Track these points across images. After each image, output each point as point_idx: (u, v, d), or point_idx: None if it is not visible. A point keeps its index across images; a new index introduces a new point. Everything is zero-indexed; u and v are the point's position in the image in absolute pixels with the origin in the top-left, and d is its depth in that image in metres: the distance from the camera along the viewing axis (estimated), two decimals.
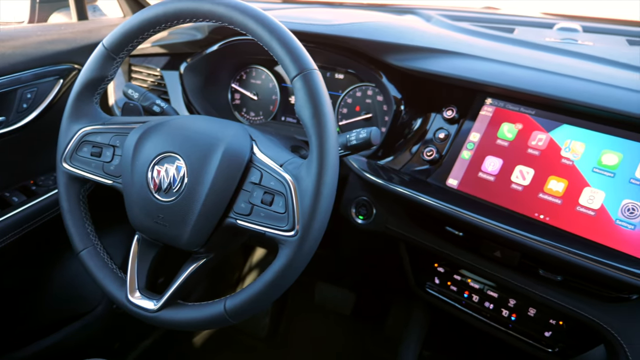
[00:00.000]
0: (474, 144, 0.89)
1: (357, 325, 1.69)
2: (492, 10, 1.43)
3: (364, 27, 1.00)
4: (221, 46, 1.13)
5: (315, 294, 1.77)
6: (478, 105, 0.90)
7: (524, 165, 0.83)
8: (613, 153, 0.77)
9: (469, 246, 0.90)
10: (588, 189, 0.77)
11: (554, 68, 0.86)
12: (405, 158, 0.96)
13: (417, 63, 0.92)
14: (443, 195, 0.87)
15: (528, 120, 0.85)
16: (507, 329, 0.92)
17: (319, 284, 1.77)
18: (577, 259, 0.72)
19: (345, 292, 1.70)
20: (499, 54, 0.93)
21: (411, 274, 1.04)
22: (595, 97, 0.77)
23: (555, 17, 1.34)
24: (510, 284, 0.87)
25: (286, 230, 0.67)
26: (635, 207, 0.73)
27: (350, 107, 1.12)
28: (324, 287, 1.76)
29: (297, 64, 0.67)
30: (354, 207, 1.03)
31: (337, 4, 1.58)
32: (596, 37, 1.12)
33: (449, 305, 0.99)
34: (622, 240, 0.72)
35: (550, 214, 0.78)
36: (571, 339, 0.86)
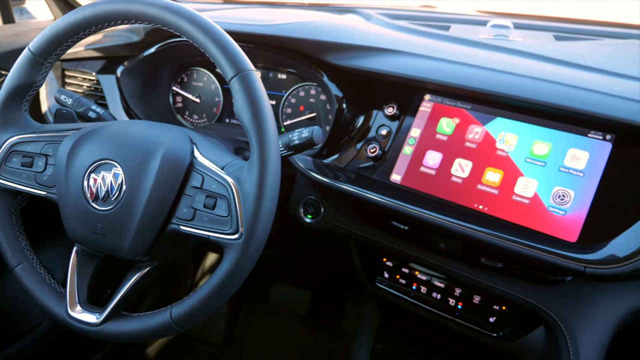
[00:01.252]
0: (415, 140, 0.91)
1: (313, 323, 1.70)
2: (429, 8, 1.47)
3: (304, 27, 1.00)
4: (159, 48, 1.10)
5: (271, 295, 1.76)
6: (417, 102, 0.93)
7: (463, 158, 0.86)
8: (543, 143, 0.81)
9: (414, 239, 0.92)
10: (522, 178, 0.81)
11: (487, 64, 0.89)
12: (350, 155, 0.97)
13: (357, 61, 0.94)
14: (387, 191, 0.88)
15: (465, 115, 0.88)
16: (455, 317, 0.95)
17: (274, 285, 1.76)
18: (514, 245, 0.75)
19: (300, 292, 1.70)
20: (435, 51, 0.96)
21: (361, 270, 1.05)
22: (525, 90, 0.81)
23: (488, 14, 1.39)
24: (455, 273, 0.90)
25: (230, 234, 0.66)
26: (565, 193, 0.77)
27: (294, 107, 1.12)
28: (278, 288, 1.75)
29: (234, 65, 0.66)
30: (302, 206, 1.03)
31: (279, 4, 1.57)
32: (526, 33, 1.18)
33: (399, 298, 1.01)
34: (554, 226, 0.76)
35: (489, 204, 0.81)
36: (514, 323, 0.90)
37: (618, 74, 0.86)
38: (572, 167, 0.78)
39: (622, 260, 0.68)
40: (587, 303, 0.81)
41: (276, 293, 1.76)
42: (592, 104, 0.76)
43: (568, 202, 0.76)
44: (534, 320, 0.88)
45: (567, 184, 0.77)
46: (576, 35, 1.14)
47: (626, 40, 1.11)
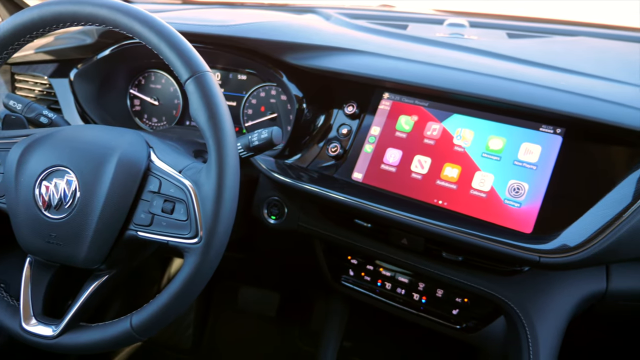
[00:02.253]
0: (375, 138, 0.92)
1: (283, 325, 1.69)
2: (388, 8, 1.48)
3: (262, 27, 1.00)
4: (114, 50, 1.07)
5: (239, 298, 1.75)
6: (376, 100, 0.94)
7: (422, 154, 0.87)
8: (498, 138, 0.83)
9: (377, 236, 0.93)
10: (479, 173, 0.83)
11: (443, 62, 0.91)
12: (311, 155, 0.97)
13: (316, 61, 0.94)
14: (349, 190, 0.89)
15: (423, 112, 0.89)
16: (419, 312, 0.97)
17: (242, 288, 1.75)
18: (472, 238, 0.77)
19: (268, 294, 1.69)
20: (393, 50, 0.97)
21: (326, 269, 1.05)
22: (479, 87, 0.83)
23: (445, 13, 1.42)
24: (418, 268, 0.92)
25: (189, 238, 0.65)
26: (519, 186, 0.79)
27: (255, 108, 1.12)
28: (246, 291, 1.74)
29: (189, 67, 0.65)
30: (265, 207, 1.03)
31: (238, 5, 1.56)
32: (481, 31, 1.21)
33: (365, 295, 1.02)
34: (510, 218, 0.78)
35: (448, 199, 0.83)
36: (475, 314, 0.92)
37: (566, 69, 0.90)
38: (525, 160, 0.80)
39: (573, 249, 0.71)
40: (543, 292, 0.84)
41: (244, 296, 1.75)
42: (542, 99, 0.78)
43: (523, 195, 0.79)
44: (494, 310, 0.90)
45: (521, 177, 0.80)
46: (528, 33, 1.18)
47: (574, 37, 1.16)
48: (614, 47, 1.11)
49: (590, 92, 0.79)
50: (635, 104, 0.76)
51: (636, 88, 0.82)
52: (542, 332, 0.82)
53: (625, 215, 0.70)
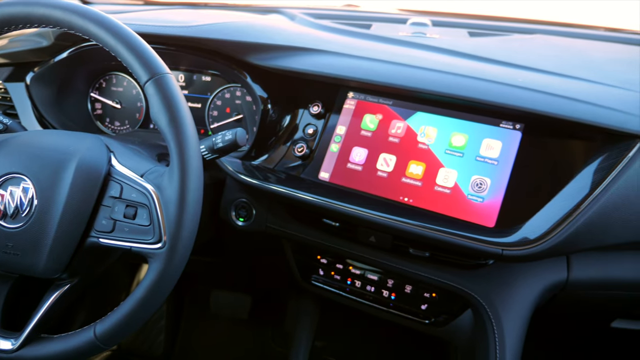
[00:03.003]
0: (341, 137, 0.92)
1: (255, 327, 1.68)
2: (352, 7, 1.49)
3: (224, 28, 0.99)
4: (72, 53, 1.04)
5: (210, 302, 1.73)
6: (341, 100, 0.94)
7: (387, 152, 0.88)
8: (461, 135, 0.85)
9: (346, 235, 0.93)
10: (443, 169, 0.84)
11: (405, 60, 0.92)
12: (278, 156, 0.97)
13: (280, 62, 0.93)
14: (316, 189, 0.89)
15: (387, 111, 0.90)
16: (389, 308, 0.98)
17: (213, 291, 1.73)
18: (438, 234, 0.78)
19: (240, 297, 1.68)
20: (357, 49, 0.97)
21: (296, 269, 1.05)
22: (441, 85, 0.84)
23: (408, 13, 1.44)
24: (387, 265, 0.93)
25: (153, 243, 0.64)
26: (482, 181, 0.81)
27: (220, 109, 1.10)
28: (218, 295, 1.72)
29: (147, 69, 0.64)
30: (233, 209, 1.02)
31: (201, 5, 1.54)
32: (442, 30, 1.23)
33: (335, 293, 1.02)
34: (474, 213, 0.80)
35: (413, 196, 0.84)
36: (443, 309, 0.94)
37: (525, 67, 0.92)
38: (487, 156, 0.82)
39: (534, 241, 0.73)
40: (507, 284, 0.86)
41: (216, 300, 1.73)
42: (501, 96, 0.80)
43: (485, 190, 0.80)
44: (461, 304, 0.92)
45: (483, 173, 0.81)
46: (488, 32, 1.21)
47: (532, 35, 1.19)
48: (571, 44, 1.15)
49: (548, 89, 0.82)
50: (590, 100, 0.79)
51: (591, 84, 0.85)
52: (507, 323, 0.84)
53: (582, 206, 0.73)
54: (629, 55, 1.09)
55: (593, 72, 0.90)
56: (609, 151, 0.76)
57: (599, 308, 0.99)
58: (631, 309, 0.99)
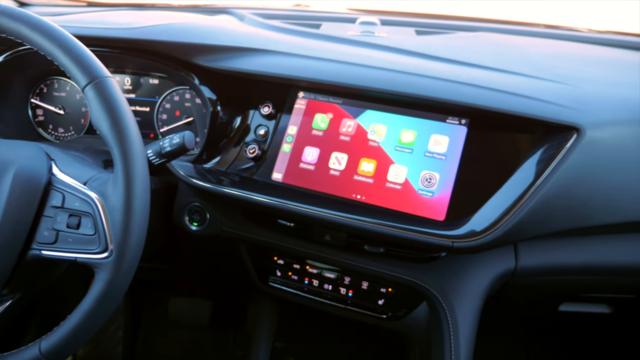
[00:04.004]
0: (293, 137, 0.92)
1: (217, 332, 1.66)
2: (302, 7, 1.49)
3: (169, 29, 0.97)
4: (8, 57, 1.00)
5: (169, 310, 1.69)
6: (292, 100, 0.94)
7: (338, 151, 0.89)
8: (409, 131, 0.86)
9: (301, 235, 0.93)
10: (393, 166, 0.85)
11: (353, 59, 0.93)
12: (230, 158, 0.96)
13: (228, 63, 0.92)
14: (270, 191, 0.89)
15: (337, 110, 0.91)
16: (347, 305, 0.98)
17: (172, 299, 1.69)
18: (390, 230, 0.79)
19: (200, 302, 1.65)
20: (306, 49, 0.98)
21: (253, 271, 1.04)
22: (388, 83, 0.85)
23: (358, 12, 1.45)
24: (343, 263, 0.93)
25: (99, 253, 0.62)
26: (431, 176, 0.83)
27: (169, 113, 1.08)
28: (177, 302, 1.68)
29: (86, 73, 0.62)
30: (186, 214, 1.00)
31: (148, 6, 1.50)
32: (391, 29, 1.25)
33: (293, 294, 1.02)
34: (424, 207, 0.82)
35: (365, 193, 0.85)
36: (400, 303, 0.95)
37: (469, 63, 0.95)
38: (435, 151, 0.84)
39: (482, 232, 0.75)
40: (459, 275, 0.88)
41: (175, 307, 1.69)
42: (446, 92, 0.82)
43: (434, 184, 0.82)
44: (417, 297, 0.94)
45: (432, 168, 0.83)
46: (434, 30, 1.23)
47: (476, 32, 1.23)
48: (512, 41, 1.19)
49: (490, 84, 0.85)
50: (528, 94, 0.82)
51: (529, 79, 0.89)
52: (460, 313, 0.86)
53: (525, 197, 0.76)
54: (565, 50, 1.15)
55: (531, 67, 0.94)
56: (549, 142, 0.79)
57: (546, 293, 1.04)
58: (576, 292, 1.04)
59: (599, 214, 0.80)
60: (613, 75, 0.98)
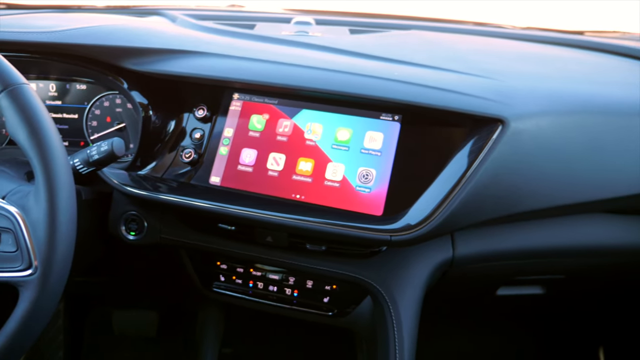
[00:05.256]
0: (229, 139, 0.91)
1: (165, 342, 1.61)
2: (237, 8, 1.48)
3: (94, 32, 0.93)
4: None
5: (114, 324, 1.62)
6: (227, 101, 0.93)
7: (276, 152, 0.88)
8: (345, 129, 0.87)
9: (243, 238, 0.92)
10: (331, 164, 0.86)
11: (288, 59, 0.93)
12: (165, 163, 0.93)
13: (158, 66, 0.90)
14: (208, 195, 0.87)
15: (273, 110, 0.91)
16: (293, 306, 0.98)
17: (115, 312, 1.62)
18: (330, 227, 0.80)
19: (146, 313, 1.60)
20: (238, 50, 0.97)
21: (196, 278, 1.02)
22: (322, 82, 0.86)
23: (293, 12, 1.45)
24: (286, 263, 0.93)
25: (22, 270, 0.59)
26: (368, 173, 0.84)
27: (100, 119, 1.04)
28: (121, 315, 1.62)
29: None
30: (123, 223, 0.96)
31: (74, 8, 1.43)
32: (325, 28, 1.26)
33: (238, 298, 1.01)
34: (362, 204, 0.83)
35: (305, 192, 0.85)
36: (345, 299, 0.96)
37: (400, 61, 0.97)
38: (371, 148, 0.85)
39: (418, 225, 0.77)
40: (400, 267, 0.90)
41: (120, 320, 1.63)
42: (378, 89, 0.84)
43: (371, 181, 0.84)
44: (361, 292, 0.95)
45: (368, 164, 0.85)
46: (368, 29, 1.26)
47: (408, 31, 1.26)
48: (442, 38, 1.23)
49: (421, 81, 0.87)
50: (457, 89, 0.85)
51: (458, 74, 0.92)
52: (402, 304, 0.89)
53: (457, 189, 0.78)
54: (492, 46, 1.20)
55: (460, 64, 0.97)
56: (478, 135, 0.83)
57: (484, 279, 1.08)
58: (512, 276, 1.09)
59: (525, 201, 0.84)
60: (535, 70, 1.04)
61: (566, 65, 1.11)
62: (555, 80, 0.98)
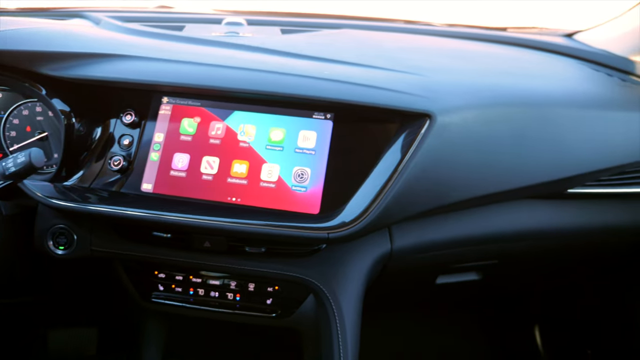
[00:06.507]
0: (160, 145, 0.88)
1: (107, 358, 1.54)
2: (165, 9, 1.44)
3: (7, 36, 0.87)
4: None
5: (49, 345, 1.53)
6: (156, 106, 0.90)
7: (209, 155, 0.87)
8: (278, 129, 0.87)
9: (179, 245, 0.90)
10: (266, 165, 0.86)
11: (217, 61, 0.91)
12: (93, 172, 0.89)
13: (79, 71, 0.86)
14: (140, 203, 0.84)
15: (204, 113, 0.89)
16: (236, 310, 0.97)
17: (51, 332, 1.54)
18: (268, 229, 0.80)
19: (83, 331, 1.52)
20: (166, 52, 0.94)
21: (134, 289, 0.99)
22: (252, 83, 0.86)
23: (224, 13, 1.43)
24: (227, 268, 0.92)
25: None
26: (303, 172, 0.85)
27: (19, 129, 0.98)
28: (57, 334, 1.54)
29: None
30: (50, 238, 0.91)
31: None
32: (257, 29, 1.25)
33: (180, 307, 0.98)
34: (299, 203, 0.83)
35: (240, 195, 0.85)
36: (287, 299, 0.96)
37: (331, 59, 0.98)
38: (304, 147, 0.86)
39: (354, 221, 0.79)
40: (341, 264, 0.91)
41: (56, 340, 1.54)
42: (310, 89, 0.84)
43: (307, 180, 0.84)
44: (303, 291, 0.95)
45: (303, 163, 0.85)
46: (299, 28, 1.26)
47: (339, 30, 1.27)
48: (372, 37, 1.25)
49: (351, 79, 0.88)
50: (385, 86, 0.87)
51: (386, 71, 0.94)
52: (344, 300, 0.90)
53: (389, 183, 0.80)
54: (420, 44, 1.24)
55: (389, 61, 0.99)
56: (408, 130, 0.85)
57: (423, 270, 1.12)
58: (449, 264, 1.13)
59: (455, 192, 0.88)
60: (461, 65, 1.08)
61: (490, 60, 1.17)
62: (479, 74, 1.02)
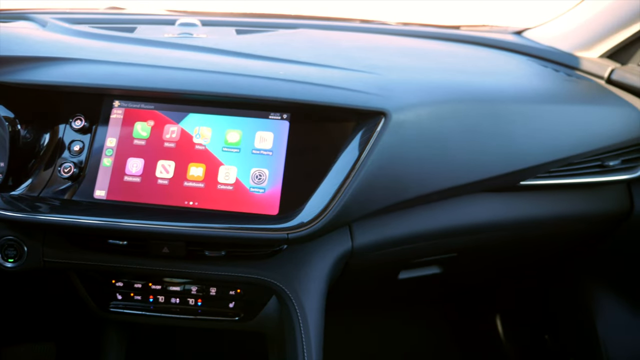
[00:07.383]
0: (113, 150, 0.86)
1: None
2: (116, 10, 1.40)
3: None
4: None
5: None
6: (107, 110, 0.88)
7: (164, 159, 0.85)
8: (235, 131, 0.86)
9: (137, 252, 0.88)
10: (223, 167, 0.85)
11: (169, 62, 0.90)
12: (42, 181, 0.86)
13: (22, 75, 0.83)
14: (94, 210, 0.82)
15: (158, 116, 0.87)
16: (198, 315, 0.96)
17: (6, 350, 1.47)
18: (227, 232, 0.79)
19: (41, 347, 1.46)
20: (115, 54, 0.91)
21: (90, 300, 0.96)
22: (206, 84, 0.84)
23: (177, 13, 1.41)
24: (187, 273, 0.91)
25: None
26: (261, 173, 0.84)
27: None
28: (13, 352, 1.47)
29: None
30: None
31: None
32: (211, 29, 1.23)
33: (139, 315, 0.96)
34: (257, 204, 0.83)
35: (198, 198, 0.83)
36: (250, 302, 0.96)
37: (286, 60, 0.98)
38: (262, 148, 0.85)
39: (313, 220, 0.79)
40: (302, 264, 0.91)
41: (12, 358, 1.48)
42: (265, 89, 0.84)
43: (265, 181, 0.84)
44: (266, 293, 0.95)
45: (261, 164, 0.85)
46: (255, 29, 1.25)
47: (295, 30, 1.27)
48: (329, 36, 1.26)
49: (307, 79, 0.88)
50: (342, 85, 0.87)
51: (342, 71, 0.95)
52: (307, 300, 0.90)
53: (347, 182, 0.81)
54: (375, 43, 1.25)
55: (344, 60, 1.00)
56: (364, 128, 0.86)
57: (385, 266, 1.13)
58: (409, 259, 1.15)
59: (412, 188, 0.89)
60: (414, 63, 1.10)
61: (443, 57, 1.19)
62: (432, 72, 1.04)
